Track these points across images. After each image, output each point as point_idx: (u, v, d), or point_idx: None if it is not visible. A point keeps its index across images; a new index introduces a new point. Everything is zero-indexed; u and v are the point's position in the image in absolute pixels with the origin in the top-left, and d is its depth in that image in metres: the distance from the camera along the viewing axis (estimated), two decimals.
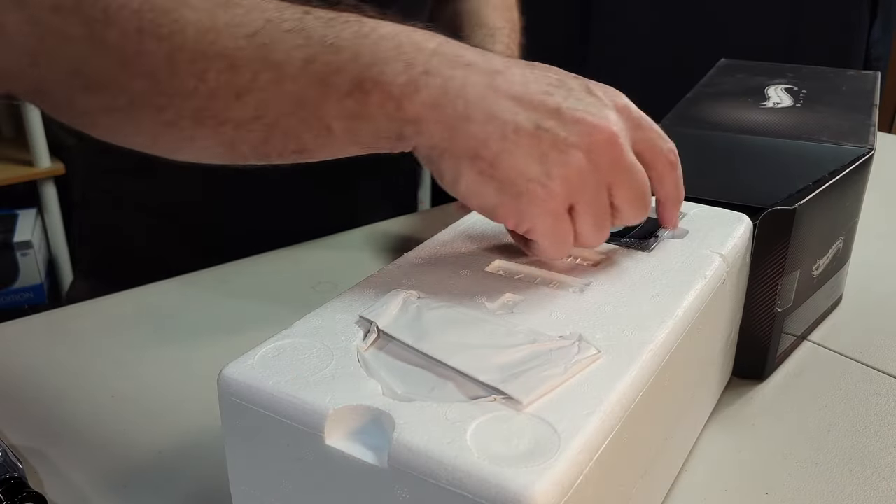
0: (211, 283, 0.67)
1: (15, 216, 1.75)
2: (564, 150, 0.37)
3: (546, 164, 0.37)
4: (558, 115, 0.38)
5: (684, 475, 0.46)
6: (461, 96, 0.37)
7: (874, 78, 0.73)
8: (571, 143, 0.37)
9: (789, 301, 0.53)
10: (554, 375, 0.33)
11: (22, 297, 1.72)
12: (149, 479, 0.45)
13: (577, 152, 0.38)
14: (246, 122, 0.39)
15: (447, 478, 0.28)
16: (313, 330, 0.37)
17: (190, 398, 0.52)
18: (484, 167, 0.37)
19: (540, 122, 0.38)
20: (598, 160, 0.38)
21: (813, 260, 0.54)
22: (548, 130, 0.37)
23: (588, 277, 0.42)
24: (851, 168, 0.54)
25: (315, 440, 0.32)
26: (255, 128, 0.39)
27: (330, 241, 0.75)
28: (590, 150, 0.38)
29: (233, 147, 0.40)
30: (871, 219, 0.62)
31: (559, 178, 0.37)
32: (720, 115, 0.62)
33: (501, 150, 0.37)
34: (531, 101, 0.38)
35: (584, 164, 0.38)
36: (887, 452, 0.47)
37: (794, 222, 0.49)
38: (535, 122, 0.38)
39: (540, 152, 0.37)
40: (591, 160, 0.38)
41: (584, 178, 0.38)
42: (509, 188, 0.38)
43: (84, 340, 0.59)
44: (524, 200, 0.38)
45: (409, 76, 0.37)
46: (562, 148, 0.37)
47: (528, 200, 0.38)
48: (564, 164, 0.37)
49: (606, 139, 0.38)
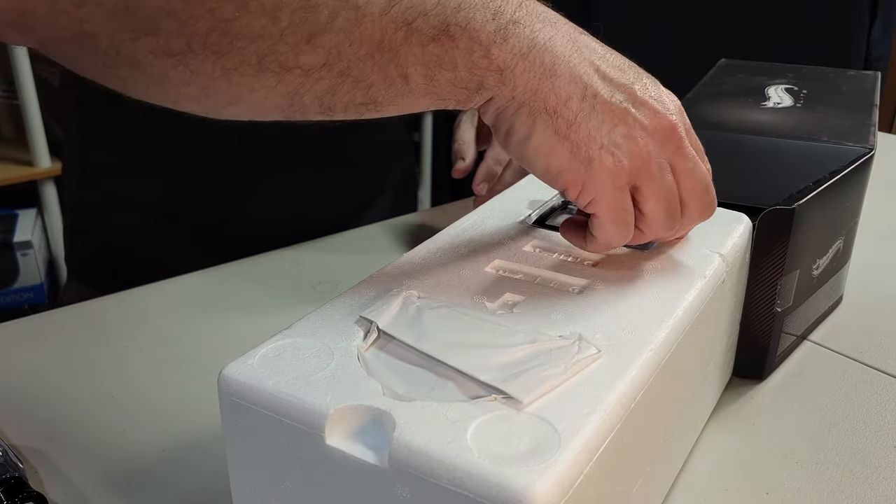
0: (211, 284, 0.67)
1: (15, 216, 1.75)
2: (634, 127, 0.38)
3: (617, 136, 0.38)
4: (631, 92, 0.38)
5: (684, 475, 0.46)
6: (549, 50, 0.37)
7: (874, 78, 0.73)
8: (640, 122, 0.38)
9: (789, 301, 0.53)
10: (554, 375, 0.33)
11: (22, 297, 1.72)
12: (149, 479, 0.45)
13: (644, 133, 0.38)
14: (315, 68, 0.36)
15: (448, 477, 0.28)
16: (313, 330, 0.37)
17: (190, 398, 0.52)
18: (561, 126, 0.37)
19: (615, 94, 0.38)
20: (663, 144, 0.39)
21: (813, 260, 0.54)
22: (622, 104, 0.38)
23: (588, 277, 0.42)
24: (851, 168, 0.54)
25: (315, 440, 0.32)
26: (324, 75, 0.36)
27: (330, 241, 0.75)
28: (655, 133, 0.38)
29: (295, 98, 0.37)
30: (871, 219, 0.62)
31: (628, 151, 0.38)
32: (721, 115, 0.62)
33: (580, 111, 0.37)
34: (608, 72, 0.38)
35: (650, 144, 0.38)
36: (887, 452, 0.47)
37: (794, 222, 0.49)
38: (611, 91, 0.38)
39: (613, 123, 0.38)
40: (657, 143, 0.39)
41: (651, 157, 0.39)
42: (581, 152, 0.37)
43: (84, 340, 0.59)
44: (594, 167, 0.38)
45: (497, 24, 0.36)
46: (632, 124, 0.38)
47: (598, 168, 0.38)
48: (633, 139, 0.38)
49: (670, 126, 0.39)
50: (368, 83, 0.37)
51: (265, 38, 0.35)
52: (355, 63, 0.36)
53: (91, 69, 0.38)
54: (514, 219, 0.49)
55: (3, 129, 1.83)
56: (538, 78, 0.37)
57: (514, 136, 0.38)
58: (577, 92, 0.37)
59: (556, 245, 0.46)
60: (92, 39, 0.36)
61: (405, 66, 0.36)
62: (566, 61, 0.37)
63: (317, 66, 0.36)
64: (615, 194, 0.39)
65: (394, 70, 0.36)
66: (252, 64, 0.36)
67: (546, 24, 0.38)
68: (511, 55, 0.36)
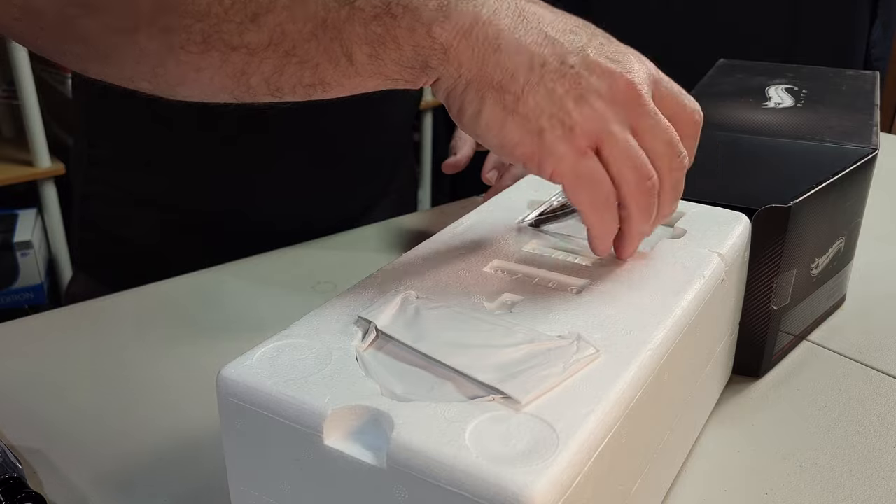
0: (210, 283, 0.67)
1: (15, 216, 1.75)
2: (586, 90, 0.37)
3: (568, 102, 0.37)
4: (582, 54, 0.37)
5: (684, 475, 0.46)
6: (492, 24, 0.36)
7: (874, 78, 0.73)
8: (593, 84, 0.37)
9: (786, 299, 0.52)
10: (552, 375, 0.33)
11: (22, 297, 1.72)
12: (148, 479, 0.45)
13: (598, 95, 0.37)
14: (261, 48, 0.36)
15: (446, 478, 0.28)
16: (312, 330, 0.37)
17: (189, 398, 0.52)
18: (508, 101, 0.37)
19: (565, 58, 0.37)
20: (619, 102, 0.38)
21: (811, 259, 0.54)
22: (572, 67, 0.37)
23: (587, 277, 0.42)
24: (851, 168, 0.54)
25: (314, 440, 0.32)
26: (270, 55, 0.36)
27: (329, 241, 0.75)
28: (611, 93, 0.38)
29: (242, 78, 0.37)
30: (872, 219, 0.62)
31: (580, 115, 0.37)
32: (722, 115, 0.62)
33: (527, 82, 0.37)
34: (557, 37, 0.38)
35: (605, 105, 0.37)
36: (887, 452, 0.47)
37: (790, 220, 0.49)
38: (560, 58, 0.37)
39: (563, 89, 0.37)
40: (613, 101, 0.38)
41: (607, 119, 0.38)
42: (531, 123, 0.37)
43: (84, 340, 0.59)
44: (545, 137, 0.37)
45: (439, 1, 0.36)
46: (584, 87, 0.37)
47: (550, 137, 0.37)
48: (586, 102, 0.37)
49: (626, 85, 0.38)
50: (314, 63, 0.37)
51: (210, 16, 0.35)
52: (300, 43, 0.36)
53: (46, 48, 0.39)
54: (514, 219, 0.49)
55: (3, 129, 1.84)
56: (482, 54, 0.36)
57: (465, 114, 0.38)
58: (523, 64, 0.37)
59: (556, 245, 0.46)
60: (41, 16, 0.36)
61: (349, 46, 0.36)
62: (510, 34, 0.37)
63: (262, 46, 0.36)
64: (575, 160, 0.38)
65: (338, 49, 0.36)
66: (198, 42, 0.36)
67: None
68: (453, 33, 0.36)
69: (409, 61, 0.37)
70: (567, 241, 0.46)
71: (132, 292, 0.65)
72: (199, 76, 0.37)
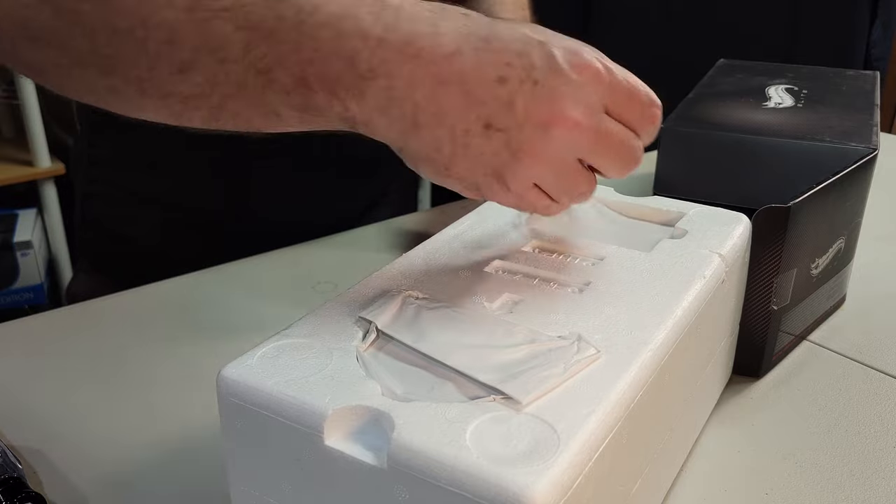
0: (211, 283, 0.67)
1: (15, 216, 1.75)
2: (518, 148, 0.36)
3: (497, 162, 0.37)
4: (510, 108, 0.36)
5: (684, 475, 0.46)
6: (408, 99, 0.35)
7: (874, 78, 0.73)
8: (523, 142, 0.36)
9: (786, 299, 0.53)
10: (553, 375, 0.33)
11: (22, 297, 1.72)
12: (148, 479, 0.45)
13: (529, 156, 0.37)
14: (192, 98, 0.37)
15: (446, 478, 0.28)
16: (313, 330, 0.37)
17: (190, 398, 0.52)
18: (440, 168, 0.38)
19: (491, 119, 0.36)
20: (558, 147, 0.37)
21: (811, 259, 0.54)
22: (499, 130, 0.36)
23: (588, 277, 0.42)
24: (852, 168, 0.54)
25: (314, 440, 0.32)
26: (201, 105, 0.37)
27: (330, 241, 0.75)
28: (546, 140, 0.36)
29: (182, 120, 0.38)
30: (872, 219, 0.62)
31: (512, 173, 0.37)
32: (722, 115, 0.62)
33: (453, 153, 0.37)
34: (482, 94, 0.35)
35: (539, 160, 0.37)
36: (887, 452, 0.47)
37: (790, 220, 0.49)
38: (485, 119, 0.36)
39: (492, 151, 0.36)
40: (550, 148, 0.37)
41: (543, 170, 0.37)
42: (467, 182, 0.38)
43: (84, 340, 0.59)
44: (484, 191, 0.39)
45: (352, 77, 0.35)
46: (515, 146, 0.36)
47: (488, 192, 0.39)
48: (518, 159, 0.37)
49: (567, 129, 0.36)
50: (246, 116, 0.37)
51: (139, 65, 0.36)
52: (228, 99, 0.36)
53: (6, 64, 0.40)
54: (514, 219, 0.49)
55: (3, 129, 1.84)
56: (403, 130, 0.36)
57: (408, 167, 0.40)
58: (445, 136, 0.36)
59: (556, 245, 0.46)
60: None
61: (275, 107, 0.36)
62: (428, 105, 0.35)
63: (193, 96, 0.37)
64: (518, 201, 0.39)
65: (264, 108, 0.37)
66: (133, 86, 0.37)
67: (406, 62, 0.35)
68: (369, 111, 0.36)
69: (335, 124, 0.37)
70: (567, 242, 0.46)
71: (132, 292, 0.65)
72: (144, 113, 0.38)
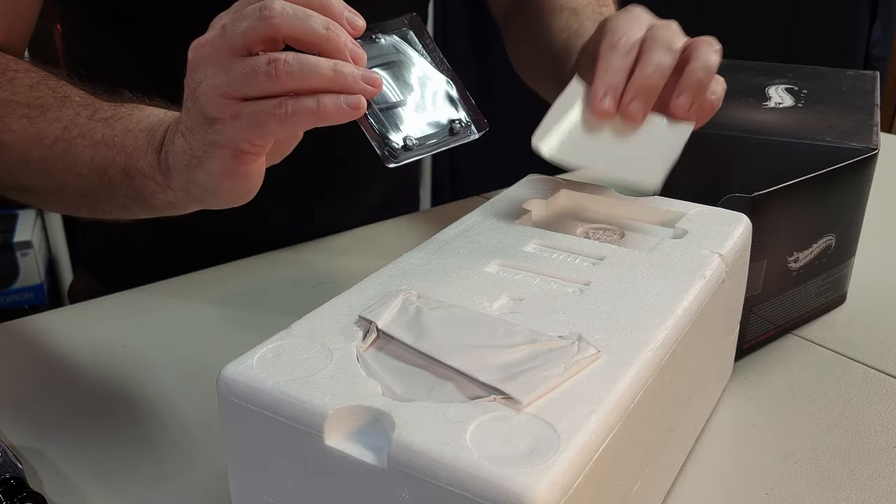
0: (211, 283, 0.67)
1: (15, 216, 1.75)
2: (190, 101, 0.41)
3: (193, 118, 0.41)
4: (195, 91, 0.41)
5: (684, 475, 0.46)
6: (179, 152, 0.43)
7: (874, 78, 0.73)
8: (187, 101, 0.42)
9: (757, 288, 0.53)
10: (553, 375, 0.33)
11: (22, 297, 1.71)
12: (149, 479, 0.45)
13: (190, 95, 0.41)
14: (84, 203, 0.52)
15: (447, 478, 0.28)
16: (313, 330, 0.37)
17: (190, 398, 0.52)
18: (192, 158, 0.42)
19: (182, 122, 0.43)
20: (196, 65, 0.41)
21: (788, 251, 0.54)
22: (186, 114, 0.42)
23: (588, 277, 0.42)
24: (837, 167, 0.54)
25: (315, 440, 0.32)
26: (85, 203, 0.52)
27: (330, 241, 0.75)
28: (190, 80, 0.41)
29: (77, 214, 0.54)
30: (872, 219, 0.62)
31: (198, 108, 0.41)
32: (723, 115, 0.62)
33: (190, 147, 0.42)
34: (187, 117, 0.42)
35: (191, 79, 0.41)
36: (887, 452, 0.47)
37: (754, 211, 0.49)
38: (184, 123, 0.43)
39: (191, 122, 0.42)
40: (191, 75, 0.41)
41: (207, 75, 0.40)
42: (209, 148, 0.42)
43: (84, 340, 0.59)
44: (213, 136, 0.41)
45: (148, 161, 0.45)
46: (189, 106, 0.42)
47: (214, 134, 0.41)
48: (193, 100, 0.41)
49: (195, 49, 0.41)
50: (120, 204, 0.49)
51: (39, 184, 0.52)
52: (97, 200, 0.50)
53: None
54: (514, 219, 0.49)
55: None
56: (187, 164, 0.42)
57: None
58: (187, 146, 0.42)
59: (556, 245, 0.46)
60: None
61: (121, 199, 0.49)
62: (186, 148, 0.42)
63: (82, 204, 0.52)
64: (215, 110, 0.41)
65: (118, 202, 0.49)
66: (41, 201, 0.58)
67: (177, 138, 0.42)
68: (178, 194, 0.45)
69: (165, 197, 0.46)
70: (568, 242, 0.46)
71: (132, 292, 0.65)
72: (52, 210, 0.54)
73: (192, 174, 0.42)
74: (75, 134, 0.49)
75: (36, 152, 0.50)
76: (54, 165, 0.49)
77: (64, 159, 0.49)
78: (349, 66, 0.39)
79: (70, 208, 0.54)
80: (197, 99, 0.40)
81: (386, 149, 0.42)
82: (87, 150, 0.48)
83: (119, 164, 0.46)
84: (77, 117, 0.49)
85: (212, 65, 0.39)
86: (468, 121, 0.44)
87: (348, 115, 0.38)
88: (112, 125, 0.48)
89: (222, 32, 0.39)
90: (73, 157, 0.48)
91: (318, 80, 0.38)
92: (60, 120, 0.50)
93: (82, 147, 0.48)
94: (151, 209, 0.49)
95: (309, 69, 0.38)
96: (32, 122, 0.50)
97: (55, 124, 0.50)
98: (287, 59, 0.38)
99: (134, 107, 0.49)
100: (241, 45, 0.38)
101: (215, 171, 0.41)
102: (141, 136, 0.46)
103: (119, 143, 0.47)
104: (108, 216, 0.53)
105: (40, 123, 0.50)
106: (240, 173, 0.41)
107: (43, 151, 0.50)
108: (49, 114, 0.50)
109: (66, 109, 0.50)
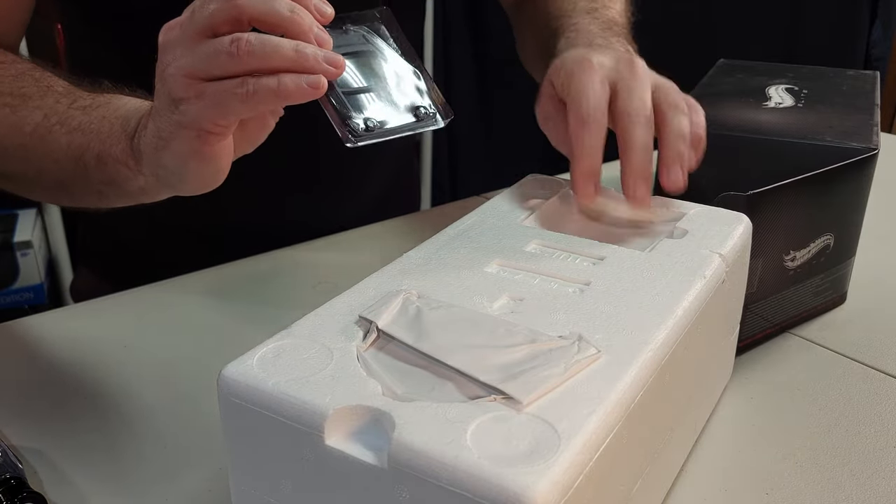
0: (211, 283, 0.67)
1: (15, 216, 1.75)
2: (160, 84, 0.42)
3: (164, 101, 0.42)
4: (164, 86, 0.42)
5: (684, 475, 0.46)
6: (162, 166, 0.43)
7: (874, 78, 0.73)
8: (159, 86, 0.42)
9: (752, 286, 0.53)
10: (554, 375, 0.33)
11: (22, 297, 1.71)
12: (149, 479, 0.45)
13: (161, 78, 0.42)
14: (62, 191, 0.53)
15: (447, 478, 0.28)
16: (313, 330, 0.37)
17: (190, 398, 0.52)
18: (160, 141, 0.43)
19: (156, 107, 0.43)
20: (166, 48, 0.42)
21: (784, 250, 0.54)
22: None
23: (588, 277, 0.42)
24: (836, 166, 0.54)
25: (315, 440, 0.32)
26: (63, 191, 0.53)
27: (330, 241, 0.75)
28: None
29: (57, 202, 0.58)
30: (872, 219, 0.62)
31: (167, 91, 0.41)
32: (723, 115, 0.62)
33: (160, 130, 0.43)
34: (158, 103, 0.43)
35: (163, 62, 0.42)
36: (887, 452, 0.47)
37: (750, 209, 0.49)
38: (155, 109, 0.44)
39: (161, 105, 0.42)
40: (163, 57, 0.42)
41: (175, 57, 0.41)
42: None
43: (84, 340, 0.59)
44: (178, 117, 0.41)
45: (122, 147, 0.46)
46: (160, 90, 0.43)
47: (180, 116, 0.41)
48: (162, 82, 0.42)
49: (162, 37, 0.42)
50: (97, 193, 0.51)
51: (20, 171, 0.54)
52: (76, 187, 0.52)
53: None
54: (514, 219, 0.49)
55: None
56: (155, 147, 0.43)
57: None
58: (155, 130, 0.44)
59: (556, 245, 0.46)
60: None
61: (96, 186, 0.50)
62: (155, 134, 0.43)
63: (62, 191, 0.54)
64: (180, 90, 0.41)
65: (94, 188, 0.50)
66: (25, 189, 0.57)
67: (151, 121, 0.43)
68: (149, 179, 0.46)
69: (139, 183, 0.47)
70: (569, 242, 0.46)
71: (133, 292, 0.65)
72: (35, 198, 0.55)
73: (160, 156, 0.42)
74: (54, 122, 0.50)
75: (16, 139, 0.51)
76: (33, 152, 0.51)
77: (42, 146, 0.50)
78: (311, 46, 0.39)
79: (50, 196, 0.57)
80: (165, 80, 0.40)
81: (347, 128, 0.42)
82: (64, 136, 0.49)
83: (93, 151, 0.47)
84: (57, 105, 0.51)
85: (179, 46, 0.40)
86: (434, 108, 0.44)
87: (308, 94, 0.38)
88: (89, 113, 0.49)
89: (191, 15, 0.40)
90: (50, 144, 0.50)
91: (279, 59, 0.38)
92: (41, 108, 0.51)
93: (60, 134, 0.49)
94: (126, 196, 0.50)
95: (270, 49, 0.38)
96: (14, 111, 0.52)
97: (36, 112, 0.51)
98: (249, 38, 0.38)
99: (112, 96, 0.50)
100: (208, 26, 0.39)
101: (180, 152, 0.41)
102: (116, 123, 0.47)
103: (94, 130, 0.48)
104: (87, 204, 0.54)
105: (21, 111, 0.51)
106: (205, 154, 0.41)
107: (22, 139, 0.51)
108: (30, 102, 0.52)
109: (47, 98, 0.51)
